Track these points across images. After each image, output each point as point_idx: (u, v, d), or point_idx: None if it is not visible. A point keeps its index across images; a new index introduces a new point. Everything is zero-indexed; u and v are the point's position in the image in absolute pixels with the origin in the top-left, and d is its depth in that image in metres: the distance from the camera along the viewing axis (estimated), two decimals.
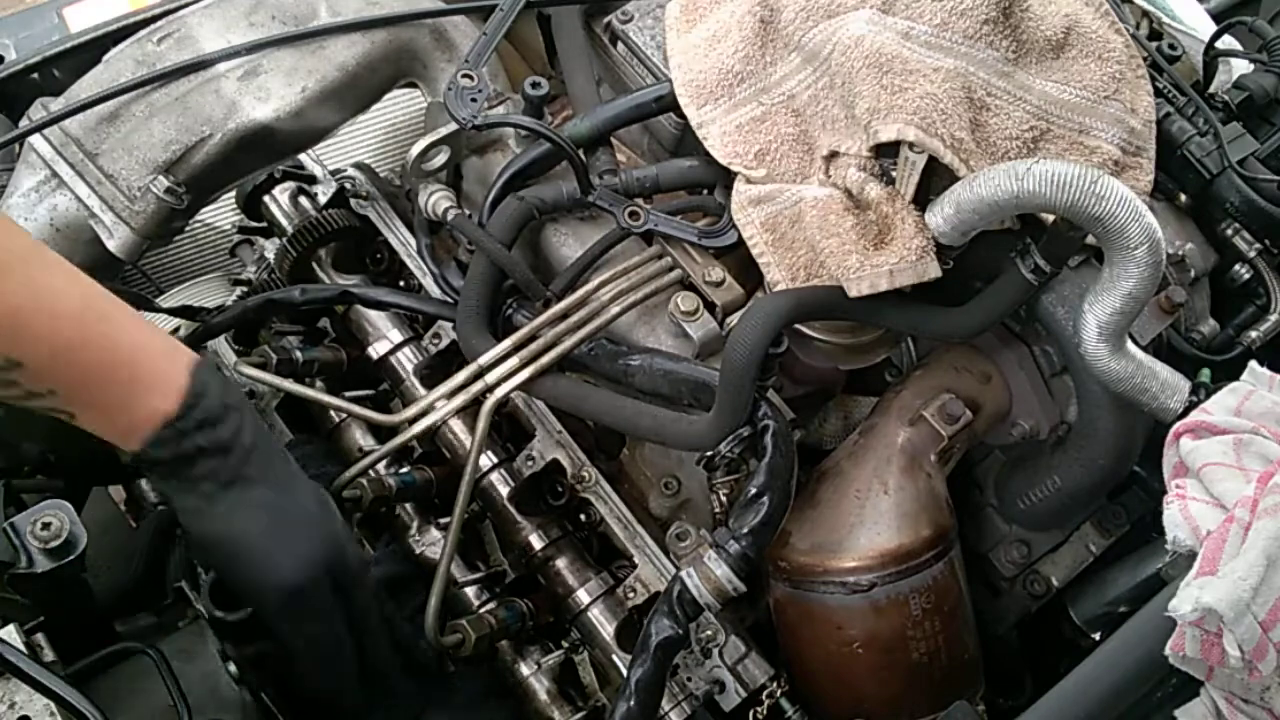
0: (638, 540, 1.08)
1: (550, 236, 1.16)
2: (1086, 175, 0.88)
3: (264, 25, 1.16)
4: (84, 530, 0.88)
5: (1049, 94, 1.07)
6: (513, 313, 1.12)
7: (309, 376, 1.20)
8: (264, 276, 1.32)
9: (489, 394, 1.06)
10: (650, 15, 1.25)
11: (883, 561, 1.02)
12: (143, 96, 1.11)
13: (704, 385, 1.02)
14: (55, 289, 0.79)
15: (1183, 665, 0.76)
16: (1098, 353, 0.96)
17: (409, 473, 1.14)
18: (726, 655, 1.04)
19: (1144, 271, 0.91)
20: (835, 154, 1.04)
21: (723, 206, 1.12)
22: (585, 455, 1.12)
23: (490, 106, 1.16)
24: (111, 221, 1.09)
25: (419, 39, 1.21)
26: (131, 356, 0.81)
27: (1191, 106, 1.17)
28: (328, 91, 1.16)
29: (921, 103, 0.96)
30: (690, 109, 1.13)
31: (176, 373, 0.82)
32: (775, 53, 1.11)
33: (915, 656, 1.03)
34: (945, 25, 1.03)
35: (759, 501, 0.95)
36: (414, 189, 1.17)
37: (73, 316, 0.79)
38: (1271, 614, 0.73)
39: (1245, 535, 0.77)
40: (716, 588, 0.94)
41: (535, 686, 1.08)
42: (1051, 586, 1.18)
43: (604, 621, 1.08)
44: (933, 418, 1.09)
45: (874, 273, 0.97)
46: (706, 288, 1.10)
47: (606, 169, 1.14)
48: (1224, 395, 0.91)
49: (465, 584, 1.12)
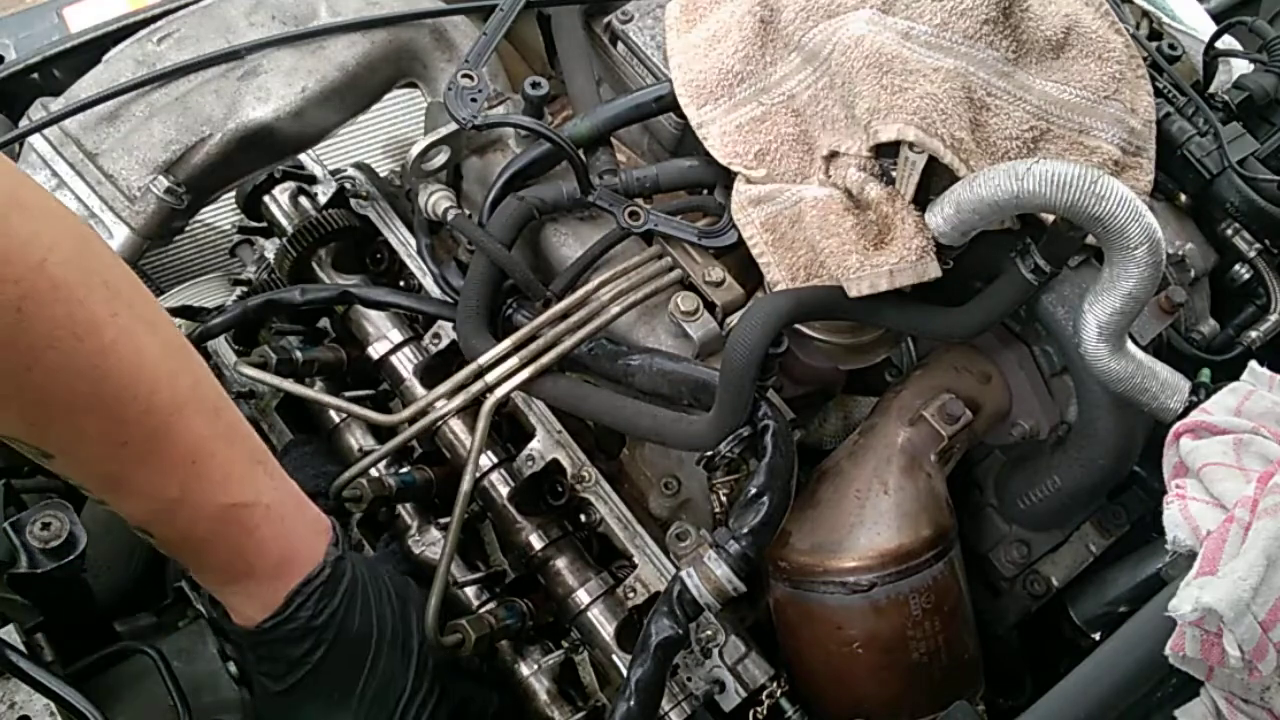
0: (638, 540, 1.08)
1: (550, 236, 1.16)
2: (1086, 175, 0.88)
3: (264, 25, 1.16)
4: (84, 530, 0.88)
5: (1049, 94, 1.07)
6: (513, 313, 1.12)
7: (309, 376, 1.20)
8: (264, 276, 1.32)
9: (489, 394, 1.06)
10: (650, 15, 1.25)
11: (883, 561, 1.02)
12: (143, 96, 1.11)
13: (704, 385, 1.02)
14: (210, 495, 0.79)
15: (1183, 665, 0.76)
16: (1098, 353, 0.96)
17: (409, 473, 1.14)
18: (726, 655, 1.04)
19: (1144, 271, 0.91)
20: (835, 154, 1.04)
21: (723, 206, 1.12)
22: (585, 455, 1.11)
23: (490, 106, 1.16)
24: (111, 221, 1.09)
25: (419, 39, 1.21)
26: (250, 570, 0.84)
27: (1191, 106, 1.17)
28: (328, 91, 1.16)
29: (921, 103, 0.96)
30: (690, 109, 1.13)
31: (277, 595, 0.85)
32: (775, 53, 1.11)
33: (915, 656, 1.03)
34: (945, 25, 1.03)
35: (759, 501, 0.95)
36: (414, 189, 1.17)
37: (216, 520, 0.80)
38: (1271, 614, 0.73)
39: (1245, 535, 0.77)
40: (716, 588, 0.94)
41: (535, 686, 1.08)
42: (1051, 586, 1.18)
43: (604, 621, 1.08)
44: (933, 418, 1.08)
45: (874, 273, 0.97)
46: (706, 288, 1.10)
47: (606, 169, 1.14)
48: (1224, 395, 0.91)
49: (465, 584, 1.12)
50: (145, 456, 0.75)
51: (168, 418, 0.75)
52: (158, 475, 0.76)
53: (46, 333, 0.67)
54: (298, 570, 0.85)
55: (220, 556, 0.82)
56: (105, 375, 0.71)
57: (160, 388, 0.74)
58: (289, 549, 0.86)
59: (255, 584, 0.84)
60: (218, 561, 0.83)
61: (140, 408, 0.73)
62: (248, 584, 0.84)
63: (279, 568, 0.85)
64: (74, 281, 0.68)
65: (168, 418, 0.75)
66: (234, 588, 0.85)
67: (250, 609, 0.85)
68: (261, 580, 0.84)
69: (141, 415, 0.73)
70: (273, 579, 0.84)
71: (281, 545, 0.85)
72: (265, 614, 0.84)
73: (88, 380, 0.70)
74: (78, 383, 0.69)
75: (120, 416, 0.72)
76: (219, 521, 0.80)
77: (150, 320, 0.75)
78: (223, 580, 0.85)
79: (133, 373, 0.72)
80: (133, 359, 0.72)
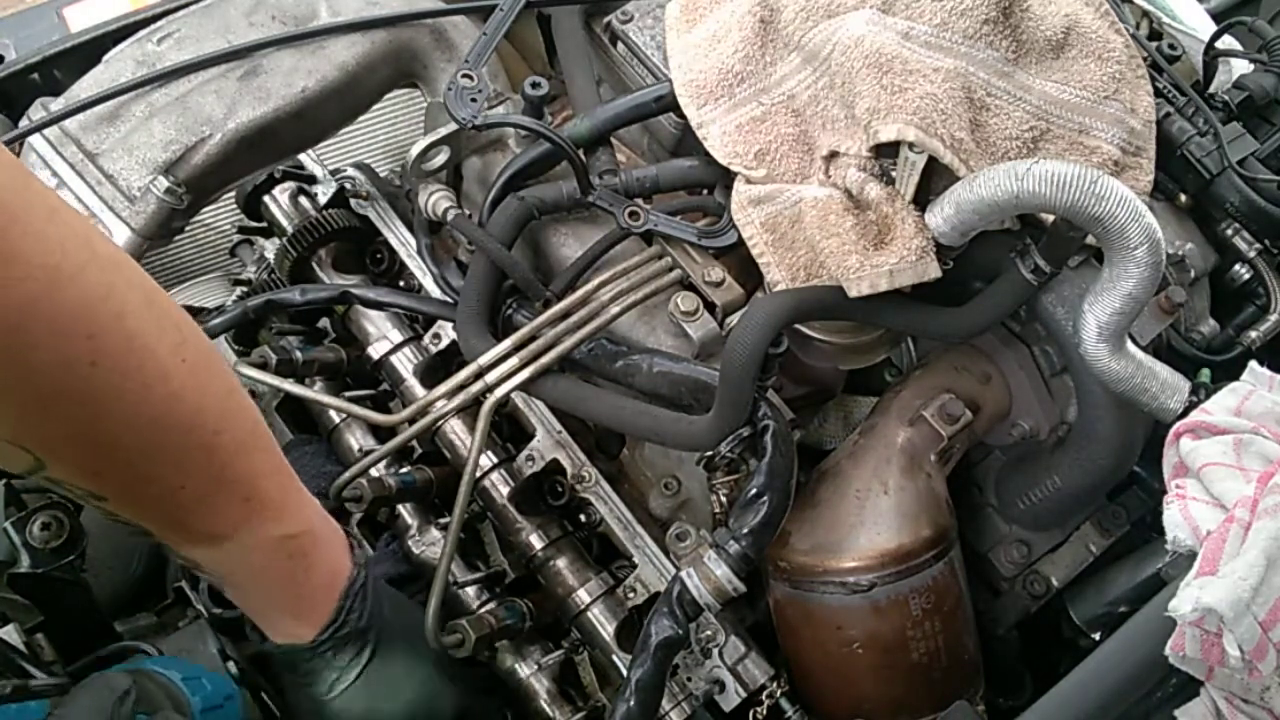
0: (638, 540, 1.08)
1: (550, 236, 1.16)
2: (1086, 175, 0.88)
3: (264, 25, 1.16)
4: (84, 530, 0.88)
5: (1049, 94, 1.07)
6: (513, 313, 1.12)
7: (309, 376, 1.20)
8: (264, 276, 1.32)
9: (489, 394, 1.06)
10: (650, 15, 1.25)
11: (883, 561, 1.02)
12: (143, 96, 1.11)
13: (704, 385, 1.02)
14: (265, 529, 0.80)
15: (1183, 665, 0.76)
16: (1098, 353, 0.96)
17: (409, 473, 1.14)
18: (726, 655, 1.04)
19: (1144, 272, 0.91)
20: (835, 154, 1.04)
21: (723, 206, 1.12)
22: (585, 455, 1.12)
23: (490, 106, 1.16)
24: (111, 222, 1.09)
25: (419, 39, 1.21)
26: (302, 593, 0.85)
27: (1191, 106, 1.17)
28: (328, 91, 1.16)
29: (921, 103, 0.96)
30: (690, 109, 1.13)
31: (328, 607, 0.86)
32: (775, 53, 1.11)
33: (915, 657, 1.03)
34: (945, 25, 1.03)
35: (759, 501, 0.95)
36: (414, 189, 1.17)
37: (269, 552, 0.81)
38: (1271, 614, 0.73)
39: (1245, 535, 0.77)
40: (716, 588, 0.94)
41: (535, 687, 1.08)
42: (1051, 586, 1.18)
43: (604, 621, 1.08)
44: (933, 418, 1.08)
45: (874, 273, 0.97)
46: (706, 288, 1.10)
47: (606, 169, 1.14)
48: (1224, 395, 0.91)
49: (465, 584, 1.12)
50: (205, 498, 0.75)
51: (230, 458, 0.75)
52: (216, 515, 0.76)
53: (118, 385, 0.65)
54: (341, 582, 0.88)
55: (275, 586, 0.84)
56: (173, 423, 0.69)
57: (223, 429, 0.73)
58: (334, 567, 0.88)
59: (307, 605, 0.86)
60: (272, 591, 0.84)
61: (204, 452, 0.72)
62: (299, 606, 0.86)
63: (328, 587, 0.87)
64: (148, 331, 0.67)
65: (230, 458, 0.75)
66: (286, 613, 0.86)
67: (302, 629, 0.86)
68: (313, 601, 0.86)
69: (205, 459, 0.73)
70: (324, 598, 0.87)
71: (327, 565, 0.87)
72: (317, 629, 0.86)
73: (156, 428, 0.68)
74: (146, 431, 0.68)
75: (182, 462, 0.72)
76: (274, 554, 0.81)
77: (211, 362, 0.73)
78: (276, 607, 0.86)
79: (197, 417, 0.71)
80: (197, 403, 0.71)
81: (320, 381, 1.22)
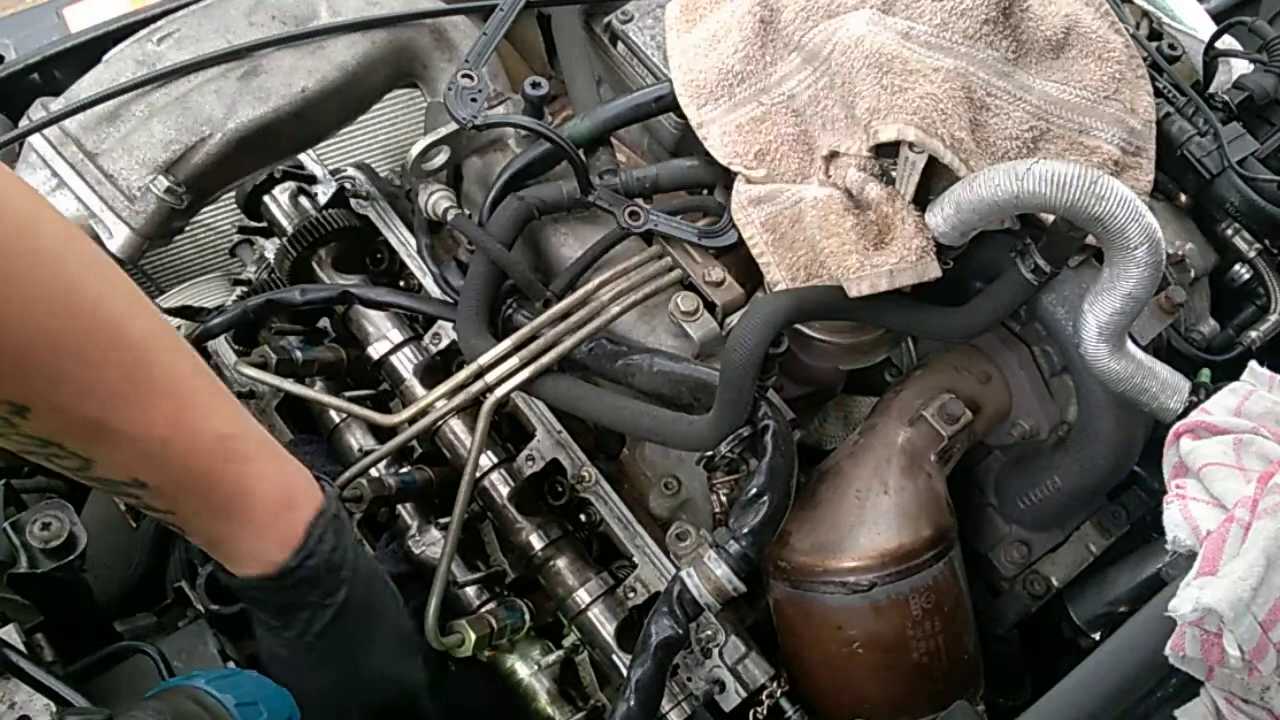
0: (638, 540, 1.08)
1: (550, 236, 1.16)
2: (1086, 175, 0.88)
3: (264, 25, 1.16)
4: (84, 530, 0.88)
5: (1049, 94, 1.07)
6: (513, 313, 1.12)
7: (309, 376, 1.20)
8: (264, 276, 1.32)
9: (489, 394, 1.06)
10: (650, 15, 1.25)
11: (883, 561, 1.02)
12: (143, 96, 1.11)
13: (704, 385, 1.02)
14: (200, 426, 0.78)
15: (1183, 665, 0.76)
16: (1098, 353, 0.96)
17: (409, 473, 1.14)
18: (726, 655, 1.04)
19: (1144, 271, 0.91)
20: (835, 154, 1.04)
21: (723, 206, 1.12)
22: (585, 455, 1.12)
23: (490, 106, 1.16)
24: (111, 221, 1.09)
25: (419, 39, 1.21)
26: (257, 503, 0.82)
27: (1191, 106, 1.17)
28: (328, 91, 1.16)
29: (921, 103, 0.96)
30: (690, 109, 1.13)
31: (294, 528, 0.83)
32: (775, 53, 1.11)
33: (915, 656, 1.03)
34: (945, 25, 1.03)
35: (759, 501, 0.95)
36: (414, 189, 1.17)
37: (210, 453, 0.78)
38: (1271, 614, 0.73)
39: (1245, 535, 0.77)
40: (716, 588, 0.94)
41: (535, 686, 1.08)
42: (1051, 586, 1.18)
43: (604, 621, 1.08)
44: (933, 418, 1.08)
45: (874, 273, 0.97)
46: (706, 288, 1.10)
47: (606, 169, 1.14)
48: (1224, 395, 0.91)
49: (465, 584, 1.12)
50: (124, 393, 0.73)
51: (143, 351, 0.74)
52: (141, 413, 0.74)
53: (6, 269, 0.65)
54: (306, 504, 0.84)
55: (222, 491, 0.80)
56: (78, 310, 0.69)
57: (133, 317, 0.73)
58: (290, 481, 0.84)
59: (268, 516, 0.82)
60: (220, 498, 0.80)
61: (113, 340, 0.72)
62: (259, 516, 0.82)
63: (286, 500, 0.83)
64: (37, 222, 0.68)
65: (143, 351, 0.74)
66: (244, 527, 0.82)
67: (267, 547, 0.82)
68: (273, 512, 0.82)
69: (115, 348, 0.72)
70: (285, 510, 0.83)
71: (282, 477, 0.84)
72: (285, 552, 0.82)
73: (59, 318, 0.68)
74: (46, 320, 0.68)
75: (89, 352, 0.71)
76: (213, 454, 0.78)
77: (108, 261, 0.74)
78: (230, 520, 0.81)
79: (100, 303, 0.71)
80: (98, 291, 0.71)
81: (320, 381, 1.22)
